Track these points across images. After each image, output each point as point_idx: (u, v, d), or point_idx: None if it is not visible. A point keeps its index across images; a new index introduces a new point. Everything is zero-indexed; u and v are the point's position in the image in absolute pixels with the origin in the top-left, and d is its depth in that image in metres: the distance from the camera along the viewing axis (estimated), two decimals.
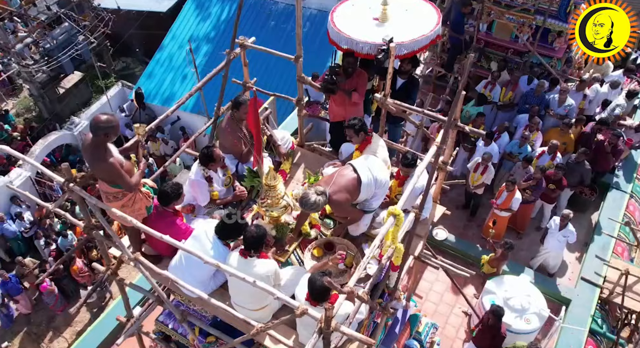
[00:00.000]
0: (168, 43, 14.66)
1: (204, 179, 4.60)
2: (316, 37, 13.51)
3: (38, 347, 11.96)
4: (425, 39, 5.15)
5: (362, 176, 4.29)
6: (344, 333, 3.02)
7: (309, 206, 4.07)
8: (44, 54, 13.76)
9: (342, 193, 4.23)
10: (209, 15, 15.06)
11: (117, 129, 3.81)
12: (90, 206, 3.71)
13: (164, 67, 14.24)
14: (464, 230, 9.87)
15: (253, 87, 5.30)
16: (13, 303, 12.05)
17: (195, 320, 4.33)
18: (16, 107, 15.81)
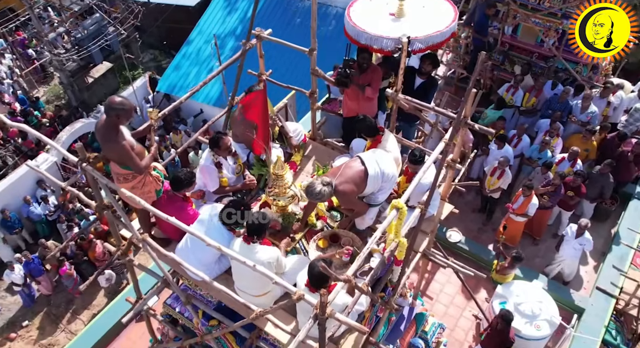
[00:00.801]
0: (195, 37, 14.89)
1: (213, 165, 4.70)
2: (341, 35, 13.52)
3: (56, 327, 12.31)
4: (440, 35, 5.15)
5: (370, 168, 4.32)
6: (338, 319, 3.06)
7: (314, 196, 4.13)
8: (74, 44, 14.13)
9: (348, 184, 4.28)
10: (235, 11, 15.24)
11: (130, 113, 3.92)
12: (101, 186, 3.84)
13: (190, 61, 14.47)
14: (479, 234, 9.79)
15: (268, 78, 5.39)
16: (35, 283, 12.44)
17: (199, 304, 4.43)
18: (47, 94, 16.28)
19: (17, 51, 16.53)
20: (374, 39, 5.20)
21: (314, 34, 4.87)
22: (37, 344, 12.12)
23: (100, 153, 4.08)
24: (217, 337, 4.40)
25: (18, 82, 15.40)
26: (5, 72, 15.67)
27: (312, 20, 4.82)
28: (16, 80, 15.48)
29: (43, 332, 12.31)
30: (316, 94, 5.26)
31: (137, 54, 16.53)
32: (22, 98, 14.97)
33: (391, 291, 4.57)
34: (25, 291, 12.35)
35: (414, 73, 5.90)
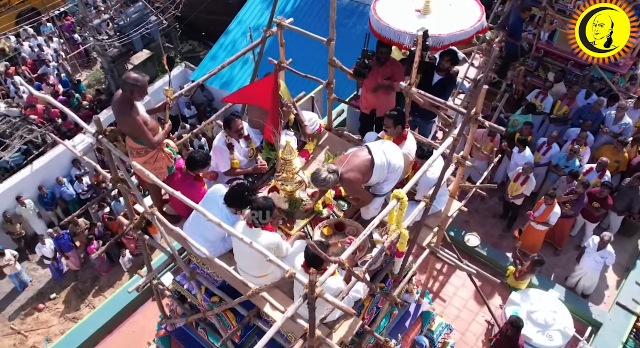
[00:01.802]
0: (233, 29, 15.16)
1: (225, 145, 4.84)
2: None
3: (81, 301, 12.79)
4: (463, 34, 5.15)
5: (376, 158, 4.38)
6: (326, 300, 3.13)
7: (319, 182, 4.20)
8: (117, 30, 14.62)
9: (354, 172, 4.33)
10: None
11: (144, 89, 4.10)
12: (115, 159, 4.03)
13: (227, 52, 14.74)
14: (499, 240, 9.67)
15: (287, 67, 5.50)
16: (64, 259, 12.95)
17: (203, 280, 4.58)
18: (88, 78, 16.90)
19: (64, 35, 17.22)
20: (396, 33, 5.25)
21: (333, 24, 4.96)
22: (62, 316, 12.62)
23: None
24: (218, 313, 4.54)
25: (62, 65, 16.05)
26: (51, 55, 16.35)
27: (332, 10, 4.91)
28: (61, 63, 16.13)
29: (69, 305, 12.81)
30: (333, 84, 5.34)
31: (176, 43, 16.95)
32: (65, 81, 15.60)
33: (391, 282, 4.60)
34: (55, 266, 12.88)
35: (433, 69, 5.90)
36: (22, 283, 12.97)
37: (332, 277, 3.88)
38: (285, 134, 5.27)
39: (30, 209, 13.07)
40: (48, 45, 16.51)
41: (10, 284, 13.05)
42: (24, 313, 12.77)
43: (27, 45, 16.57)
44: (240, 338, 4.76)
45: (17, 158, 13.28)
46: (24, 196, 12.82)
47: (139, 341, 7.56)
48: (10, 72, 15.70)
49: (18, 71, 15.83)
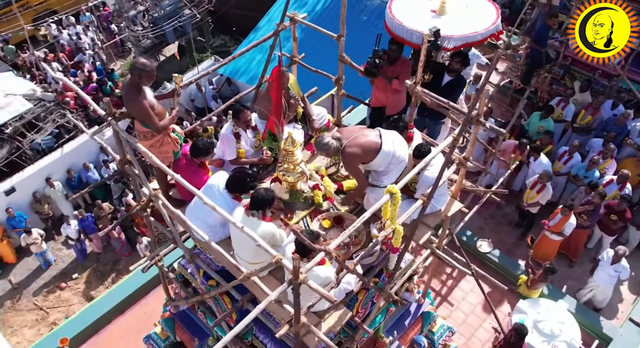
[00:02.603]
0: (263, 25, 15.36)
1: (232, 134, 4.97)
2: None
3: (101, 283, 13.19)
4: (476, 36, 5.15)
5: (385, 143, 4.41)
6: (309, 286, 3.22)
7: (321, 147, 4.32)
8: (151, 22, 15.01)
9: (356, 148, 4.38)
10: (305, 4, 15.59)
11: (151, 75, 4.28)
12: (122, 141, 4.21)
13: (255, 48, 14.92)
14: (512, 248, 9.57)
15: (299, 62, 5.61)
16: (88, 241, 13.39)
17: (202, 264, 4.72)
18: (122, 68, 17.38)
19: (102, 25, 17.78)
20: (409, 32, 5.29)
21: (343, 20, 5.04)
22: (82, 296, 13.05)
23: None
24: (214, 296, 4.68)
25: (98, 54, 16.57)
26: (88, 43, 16.90)
27: (342, 7, 4.98)
28: (97, 52, 16.65)
29: (89, 286, 13.24)
30: (342, 80, 5.42)
31: (208, 38, 17.27)
32: (100, 69, 16.10)
33: (385, 277, 4.66)
34: (78, 247, 13.33)
35: (444, 70, 5.91)
36: (47, 262, 13.47)
37: (321, 266, 3.96)
38: (294, 127, 5.38)
39: (58, 191, 13.56)
40: (86, 34, 17.07)
41: (36, 262, 13.57)
42: (47, 290, 13.25)
43: (66, 33, 17.17)
44: (235, 322, 4.90)
45: (48, 141, 13.77)
46: (53, 178, 13.31)
47: (148, 322, 7.78)
48: (49, 59, 16.29)
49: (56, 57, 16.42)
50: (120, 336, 8.42)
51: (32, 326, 12.64)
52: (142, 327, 8.02)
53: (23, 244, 13.01)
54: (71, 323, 8.43)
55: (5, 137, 13.77)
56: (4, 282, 13.34)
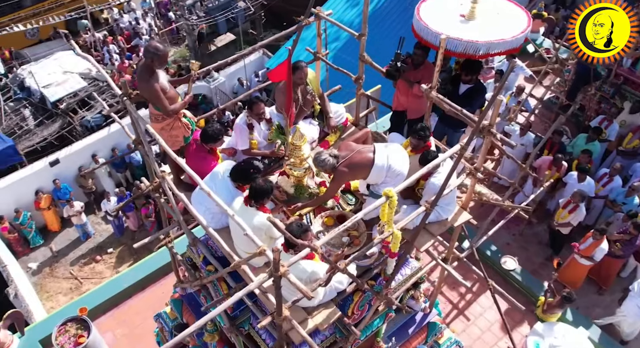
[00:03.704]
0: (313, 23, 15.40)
1: (245, 125, 5.03)
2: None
3: (132, 260, 13.68)
4: (502, 44, 4.98)
5: (377, 159, 4.42)
6: (289, 280, 3.23)
7: (318, 162, 4.42)
8: (205, 12, 15.39)
9: (347, 169, 4.44)
10: (357, 3, 15.55)
11: (164, 58, 4.42)
12: (134, 121, 4.36)
13: (303, 43, 14.96)
14: (539, 268, 9.23)
15: (322, 58, 5.61)
16: (125, 218, 13.91)
17: (204, 249, 4.81)
18: (175, 55, 17.93)
19: (160, 11, 18.40)
20: (434, 35, 5.19)
21: (366, 19, 5.00)
22: (114, 270, 13.59)
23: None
24: (212, 281, 4.77)
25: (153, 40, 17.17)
26: (145, 29, 17.54)
27: (365, 6, 4.95)
28: (153, 37, 17.25)
29: (121, 261, 13.77)
30: (362, 79, 5.38)
31: (259, 31, 17.53)
32: None
33: (383, 281, 4.60)
34: (116, 223, 13.88)
35: (458, 79, 5.78)
36: (86, 234, 14.10)
37: (309, 261, 3.96)
38: (310, 123, 5.40)
39: (103, 168, 14.16)
40: (144, 19, 17.72)
41: (76, 233, 14.23)
42: (83, 261, 13.88)
43: (127, 17, 17.87)
44: (233, 310, 4.97)
45: (97, 119, 14.39)
46: (99, 155, 13.90)
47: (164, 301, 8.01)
48: (108, 41, 17.02)
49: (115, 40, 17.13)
50: (137, 312, 8.72)
51: (66, 294, 13.27)
52: (158, 305, 8.26)
53: (65, 215, 13.68)
54: (94, 294, 8.79)
55: (59, 112, 14.51)
56: (45, 249, 14.08)
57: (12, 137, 14.03)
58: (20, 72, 15.40)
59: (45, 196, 13.46)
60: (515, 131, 9.28)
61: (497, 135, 3.90)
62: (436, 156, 4.36)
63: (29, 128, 14.47)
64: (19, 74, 15.43)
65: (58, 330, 7.62)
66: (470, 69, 5.58)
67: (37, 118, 14.68)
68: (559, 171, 8.73)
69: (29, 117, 14.65)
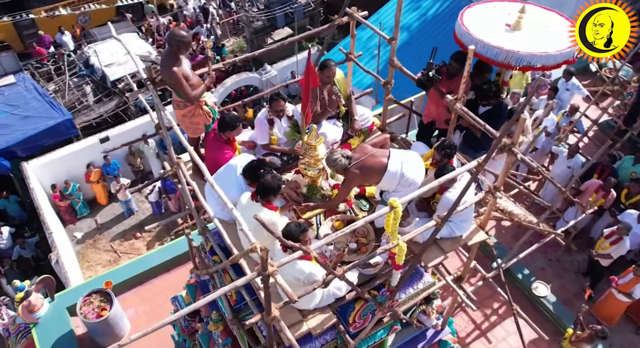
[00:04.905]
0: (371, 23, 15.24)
1: (266, 120, 5.03)
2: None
3: (169, 240, 14.07)
4: (545, 57, 4.70)
5: (391, 164, 4.29)
6: (275, 280, 3.19)
7: (329, 161, 4.35)
8: (265, 5, 15.57)
9: (359, 171, 4.33)
10: (418, 7, 15.27)
11: (188, 46, 4.47)
12: (155, 106, 4.44)
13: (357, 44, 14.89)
14: (573, 298, 8.74)
15: (354, 60, 5.50)
16: (167, 199, 14.32)
17: (211, 238, 4.85)
18: (233, 45, 18.28)
19: (224, 2, 18.80)
20: (474, 41, 4.99)
21: (398, 24, 4.85)
22: (150, 248, 14.03)
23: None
24: (218, 271, 4.80)
25: (214, 29, 17.56)
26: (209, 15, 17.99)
27: (397, 10, 4.81)
28: (213, 26, 17.65)
29: (158, 240, 14.20)
30: (391, 84, 5.24)
31: (317, 27, 17.54)
32: (212, 42, 17.05)
33: (386, 292, 4.47)
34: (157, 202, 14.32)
35: (477, 100, 5.53)
36: (129, 210, 14.63)
37: (308, 262, 3.88)
38: (334, 123, 5.32)
39: (151, 149, 14.64)
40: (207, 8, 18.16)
41: (120, 209, 14.80)
42: (123, 237, 14.42)
43: (191, 4, 18.36)
44: (236, 303, 4.98)
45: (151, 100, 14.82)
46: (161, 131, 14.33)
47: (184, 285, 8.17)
48: (171, 27, 17.55)
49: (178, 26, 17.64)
50: (160, 291, 8.93)
51: (104, 265, 13.82)
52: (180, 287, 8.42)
53: (112, 190, 14.24)
54: (122, 269, 9.09)
55: (117, 91, 15.10)
56: (91, 221, 14.73)
57: (71, 111, 14.73)
58: (87, 50, 16.14)
59: (95, 170, 14.06)
60: (562, 152, 8.81)
61: (518, 155, 3.68)
62: (450, 169, 4.18)
63: (87, 104, 15.15)
64: (85, 52, 16.18)
65: (83, 300, 7.94)
66: (483, 95, 5.35)
67: (96, 95, 15.35)
68: (605, 198, 8.22)
69: (89, 94, 15.34)
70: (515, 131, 3.71)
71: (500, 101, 5.44)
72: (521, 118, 3.53)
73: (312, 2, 15.73)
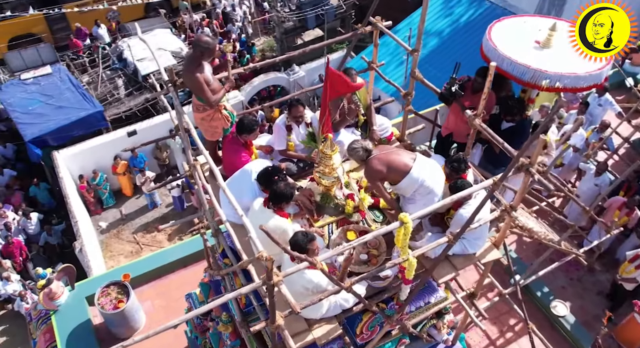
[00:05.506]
0: (401, 28, 15.17)
1: (284, 126, 5.04)
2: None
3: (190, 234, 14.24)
4: (573, 78, 4.57)
5: (415, 169, 4.25)
6: (280, 290, 3.19)
7: (349, 150, 4.40)
8: (297, 6, 15.62)
9: (381, 163, 4.29)
10: (450, 14, 15.08)
11: (212, 52, 4.51)
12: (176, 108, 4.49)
13: (386, 48, 14.84)
14: (593, 320, 8.49)
15: (376, 69, 5.46)
16: (190, 194, 14.50)
17: (223, 241, 4.88)
18: (263, 44, 18.38)
19: (256, 1, 18.93)
20: (501, 58, 4.90)
21: (420, 36, 4.79)
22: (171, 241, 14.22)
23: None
24: (229, 274, 4.83)
25: (245, 27, 17.69)
26: (240, 16, 18.11)
27: (421, 23, 4.74)
28: (245, 25, 17.78)
29: (179, 234, 14.39)
30: (412, 95, 5.17)
31: (348, 30, 17.51)
32: (243, 41, 17.21)
33: (395, 306, 4.43)
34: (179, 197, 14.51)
35: (500, 116, 5.41)
36: (153, 203, 14.87)
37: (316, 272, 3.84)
38: (352, 132, 5.29)
39: (177, 143, 14.82)
40: (240, 7, 18.30)
41: (145, 201, 15.05)
42: (146, 229, 14.66)
43: (224, 2, 18.54)
44: (245, 306, 5.01)
45: (181, 96, 15.03)
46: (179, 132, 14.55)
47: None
48: (204, 24, 17.76)
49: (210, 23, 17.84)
50: (177, 287, 9.05)
51: (127, 256, 14.09)
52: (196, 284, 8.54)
53: (137, 183, 14.50)
54: (140, 262, 9.24)
55: (147, 85, 15.37)
56: (116, 211, 15.02)
57: (103, 103, 15.06)
58: (121, 44, 16.46)
59: (122, 163, 14.34)
60: (590, 169, 8.57)
61: (535, 176, 3.59)
62: (468, 186, 4.11)
63: (118, 97, 15.45)
64: (119, 46, 16.50)
65: (101, 291, 8.11)
66: (508, 111, 5.23)
67: (127, 89, 15.65)
68: (629, 216, 7.96)
69: (120, 87, 15.65)
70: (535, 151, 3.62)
71: (524, 118, 5.33)
72: (540, 138, 3.44)
73: (343, 5, 15.69)
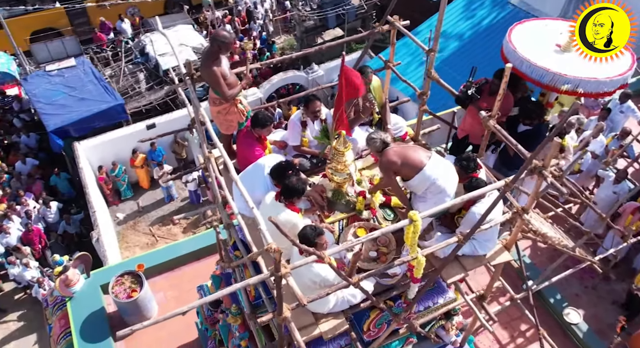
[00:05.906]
0: (422, 30, 15.11)
1: (299, 121, 5.08)
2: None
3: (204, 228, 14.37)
4: (593, 83, 4.52)
5: (429, 167, 4.26)
6: (287, 282, 3.23)
7: (367, 140, 4.47)
8: (318, 5, 15.65)
9: (396, 156, 4.32)
10: (472, 16, 14.98)
11: (229, 46, 4.57)
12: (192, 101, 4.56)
13: (407, 49, 14.81)
14: (607, 329, 8.37)
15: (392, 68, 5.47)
16: (206, 188, 14.64)
17: (233, 232, 4.94)
18: (283, 42, 18.46)
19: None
20: (520, 61, 4.87)
21: (438, 36, 4.79)
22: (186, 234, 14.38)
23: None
24: (238, 265, 4.88)
25: (266, 25, 17.78)
26: (261, 14, 18.22)
27: (438, 23, 4.73)
28: (266, 23, 17.87)
29: (193, 227, 14.53)
30: (427, 95, 5.17)
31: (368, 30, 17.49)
32: (264, 38, 17.30)
33: (402, 304, 4.44)
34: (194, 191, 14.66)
35: (518, 119, 5.37)
36: (170, 196, 15.04)
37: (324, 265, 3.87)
38: (366, 130, 5.30)
39: (195, 138, 14.91)
40: (262, 5, 18.41)
41: (161, 194, 15.24)
42: (162, 222, 14.83)
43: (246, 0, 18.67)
44: (254, 298, 5.06)
45: (200, 91, 15.19)
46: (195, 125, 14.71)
47: None
48: (226, 21, 17.91)
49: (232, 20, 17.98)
50: (189, 279, 9.16)
51: (142, 247, 14.28)
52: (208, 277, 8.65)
53: (155, 176, 14.69)
54: (154, 253, 9.37)
55: (168, 80, 15.56)
56: (133, 203, 15.25)
57: (124, 96, 15.29)
58: (144, 38, 16.69)
59: (141, 156, 14.54)
60: (609, 177, 8.45)
61: (548, 178, 3.57)
62: (481, 185, 4.10)
63: (139, 91, 15.67)
64: (142, 40, 16.74)
65: (116, 280, 8.25)
66: (526, 114, 5.19)
67: (148, 83, 15.86)
68: None
69: (142, 81, 15.87)
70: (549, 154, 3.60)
71: (541, 122, 5.29)
72: (555, 141, 3.42)
73: (364, 4, 15.68)
